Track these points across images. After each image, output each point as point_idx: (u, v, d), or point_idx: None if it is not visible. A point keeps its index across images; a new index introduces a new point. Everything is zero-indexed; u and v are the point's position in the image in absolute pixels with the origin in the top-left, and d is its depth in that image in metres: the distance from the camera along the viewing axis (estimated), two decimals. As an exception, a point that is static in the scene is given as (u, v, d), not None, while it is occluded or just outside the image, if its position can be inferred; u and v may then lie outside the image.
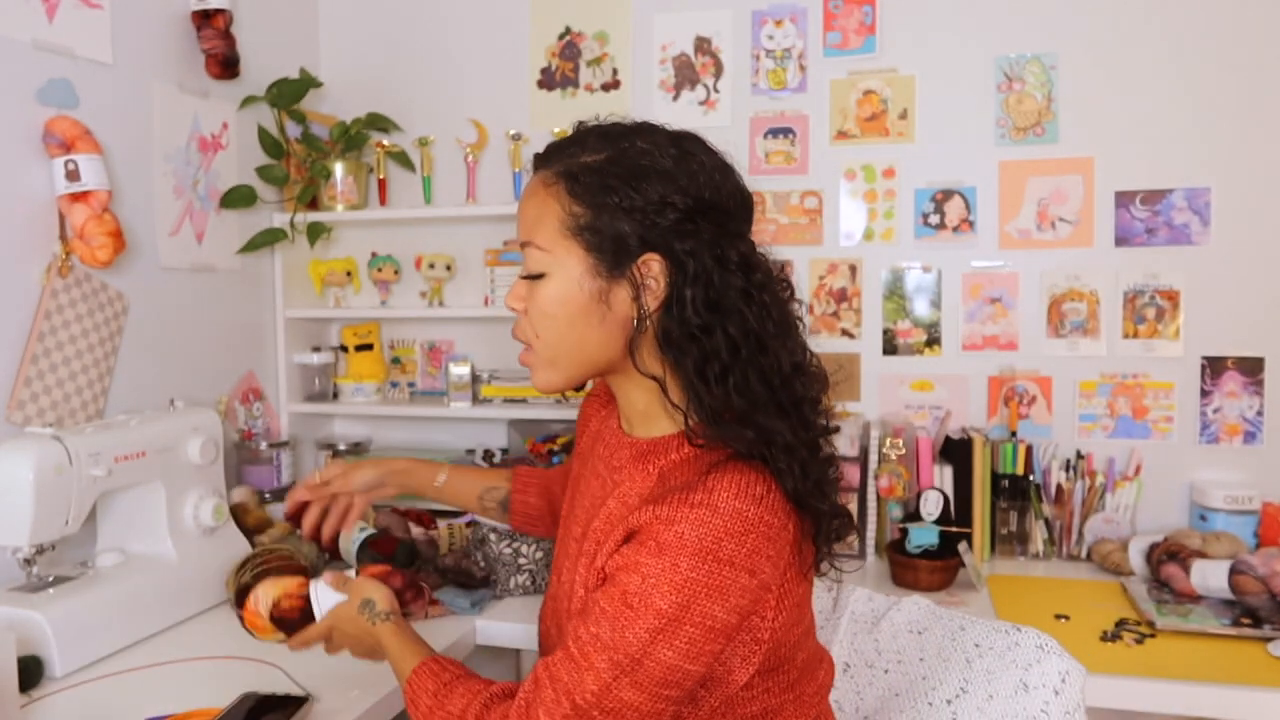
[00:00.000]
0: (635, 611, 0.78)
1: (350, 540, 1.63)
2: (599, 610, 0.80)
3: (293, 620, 1.09)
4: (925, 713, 1.05)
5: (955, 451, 1.81)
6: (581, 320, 0.87)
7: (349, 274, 2.16)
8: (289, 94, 1.98)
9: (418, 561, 1.61)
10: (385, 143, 2.13)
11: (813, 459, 0.85)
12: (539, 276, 0.88)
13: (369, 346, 2.17)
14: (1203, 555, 1.58)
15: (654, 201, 0.84)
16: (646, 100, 2.08)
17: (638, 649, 0.78)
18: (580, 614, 0.84)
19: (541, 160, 0.91)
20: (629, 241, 0.84)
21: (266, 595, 1.11)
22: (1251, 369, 1.81)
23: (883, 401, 1.99)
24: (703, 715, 0.86)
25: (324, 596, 1.06)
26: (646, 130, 0.89)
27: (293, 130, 2.04)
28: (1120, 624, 1.45)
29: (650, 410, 0.92)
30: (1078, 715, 0.91)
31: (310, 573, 1.39)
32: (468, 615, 1.48)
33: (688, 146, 0.87)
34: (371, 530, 1.69)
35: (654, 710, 0.79)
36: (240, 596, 1.27)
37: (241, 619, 1.13)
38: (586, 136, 0.89)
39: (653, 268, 0.85)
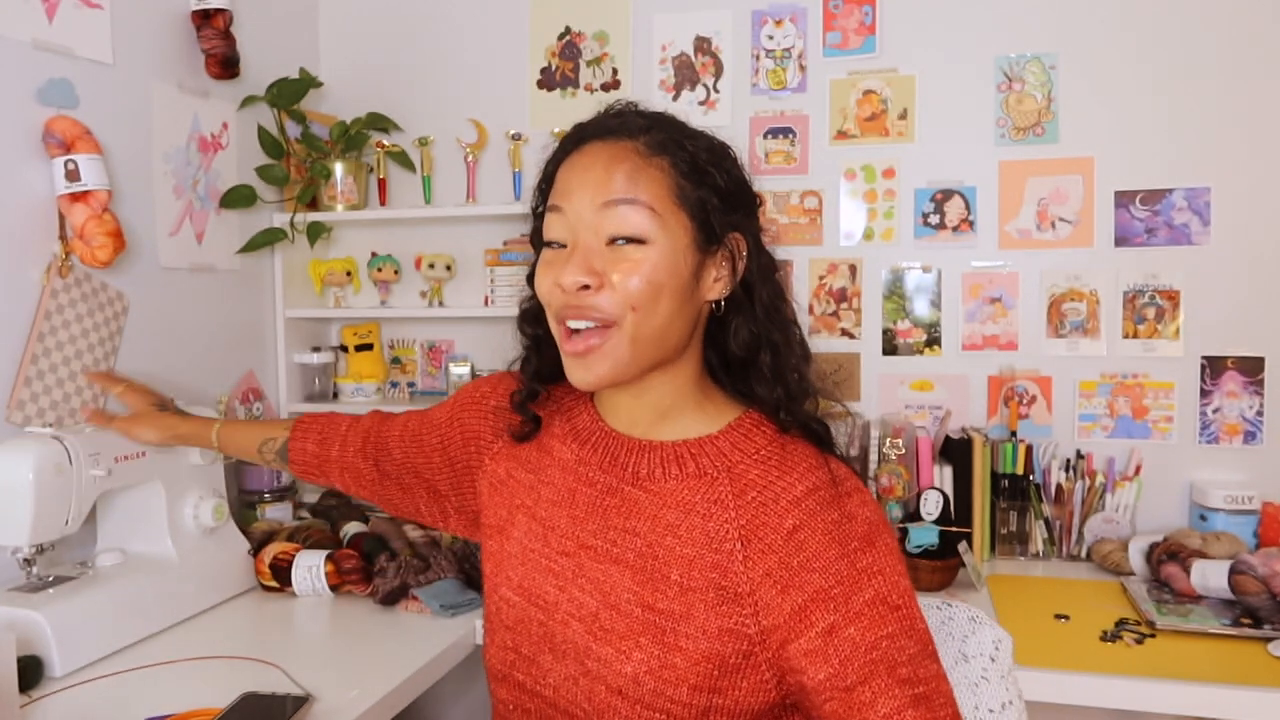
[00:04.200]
0: (905, 607, 0.77)
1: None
2: (885, 642, 0.75)
3: (281, 569, 1.57)
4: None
5: (955, 451, 1.81)
6: (680, 294, 0.82)
7: (349, 274, 2.16)
8: (289, 94, 1.97)
9: (389, 549, 1.62)
10: (385, 143, 2.13)
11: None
12: (640, 241, 0.80)
13: (369, 346, 2.17)
14: (1203, 555, 1.58)
15: (740, 184, 0.87)
16: (646, 100, 2.06)
17: (927, 629, 0.79)
18: (865, 666, 0.75)
19: (608, 131, 0.86)
20: (723, 219, 0.84)
21: (270, 550, 1.60)
22: (1251, 369, 1.81)
23: (883, 401, 1.99)
24: None
25: (300, 562, 1.56)
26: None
27: (293, 130, 2.03)
28: (1120, 624, 1.45)
29: (679, 406, 0.88)
30: (1011, 677, 0.96)
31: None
32: (439, 617, 1.48)
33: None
34: (362, 529, 1.72)
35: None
36: (258, 547, 1.63)
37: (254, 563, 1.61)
38: (655, 118, 0.88)
39: (741, 247, 0.86)
